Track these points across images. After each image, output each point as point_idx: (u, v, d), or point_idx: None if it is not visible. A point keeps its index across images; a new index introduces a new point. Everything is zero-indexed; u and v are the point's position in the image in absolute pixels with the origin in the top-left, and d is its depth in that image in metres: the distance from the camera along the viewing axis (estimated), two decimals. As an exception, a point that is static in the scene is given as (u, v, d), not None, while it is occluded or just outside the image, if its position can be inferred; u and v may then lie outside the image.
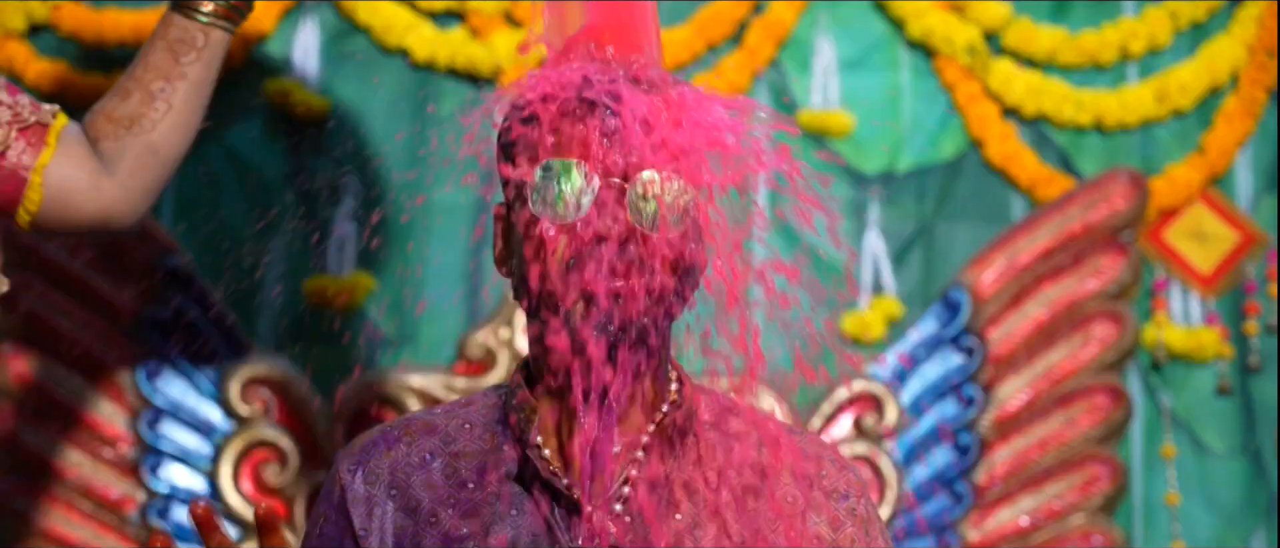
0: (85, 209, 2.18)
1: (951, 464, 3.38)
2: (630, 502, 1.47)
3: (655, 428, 1.49)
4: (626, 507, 1.47)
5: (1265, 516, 3.54)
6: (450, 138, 1.51)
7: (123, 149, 2.19)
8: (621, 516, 1.46)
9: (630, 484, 1.48)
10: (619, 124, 1.42)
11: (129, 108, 2.20)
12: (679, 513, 1.48)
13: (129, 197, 2.21)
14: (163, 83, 2.22)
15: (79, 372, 3.23)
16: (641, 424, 1.50)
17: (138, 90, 2.21)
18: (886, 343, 3.45)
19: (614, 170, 1.42)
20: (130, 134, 2.19)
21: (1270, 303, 3.58)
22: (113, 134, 2.19)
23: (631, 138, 1.42)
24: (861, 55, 3.61)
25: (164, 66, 2.22)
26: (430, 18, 3.50)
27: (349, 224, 3.42)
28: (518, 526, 1.46)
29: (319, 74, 3.48)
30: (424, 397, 3.26)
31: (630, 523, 1.46)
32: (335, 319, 3.36)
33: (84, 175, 2.16)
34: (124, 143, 2.19)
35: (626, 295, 1.40)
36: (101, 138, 2.19)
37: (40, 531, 3.19)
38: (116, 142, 2.19)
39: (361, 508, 1.50)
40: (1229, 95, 3.65)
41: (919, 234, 3.55)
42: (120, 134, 2.19)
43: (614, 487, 1.47)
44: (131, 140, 2.20)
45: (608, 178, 1.42)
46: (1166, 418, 3.56)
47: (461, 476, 1.50)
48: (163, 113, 2.21)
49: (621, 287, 1.40)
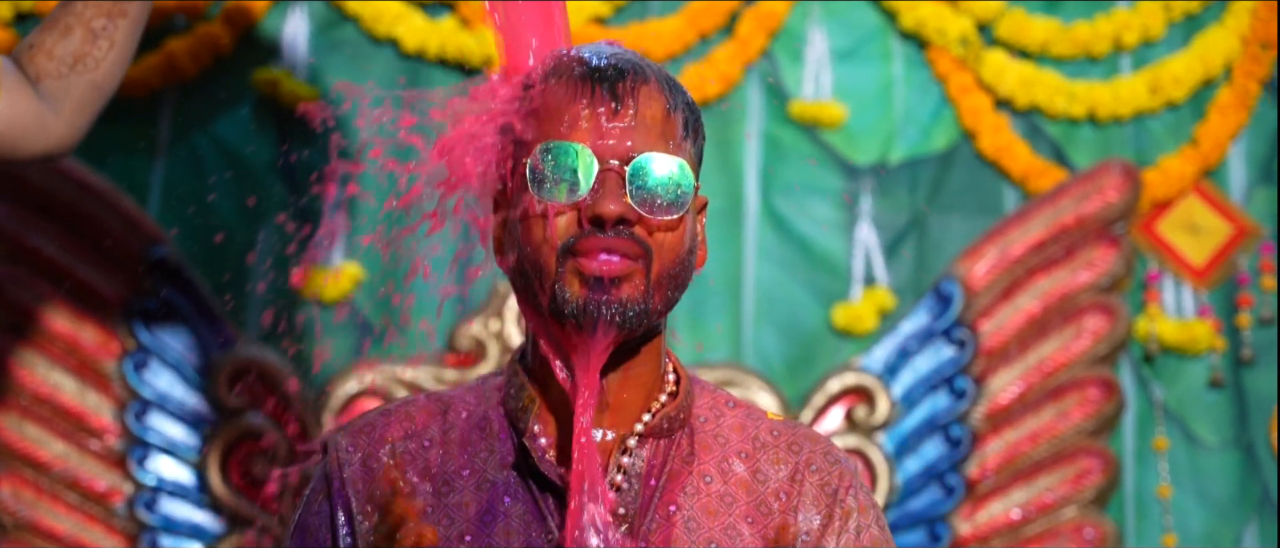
0: (31, 149, 2.15)
1: (943, 457, 3.37)
2: (619, 492, 1.46)
3: (650, 419, 1.48)
4: (618, 497, 1.46)
5: (1258, 509, 3.54)
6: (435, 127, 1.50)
7: (67, 88, 2.17)
8: (613, 505, 1.45)
9: (623, 474, 1.47)
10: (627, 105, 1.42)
11: (72, 46, 2.17)
12: (672, 505, 1.47)
13: (73, 133, 2.20)
14: (104, 20, 2.19)
15: (65, 362, 3.21)
16: (636, 415, 1.49)
17: (79, 27, 2.18)
18: (878, 335, 3.44)
19: (613, 153, 1.41)
20: (74, 73, 2.17)
21: (1263, 296, 3.58)
22: (56, 73, 2.16)
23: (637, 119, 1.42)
24: (854, 46, 3.60)
25: (105, 2, 2.19)
26: (420, 7, 3.49)
27: (338, 215, 3.40)
28: (513, 514, 1.46)
29: (308, 63, 3.46)
30: (413, 388, 3.24)
31: (623, 515, 1.45)
32: (324, 310, 3.35)
33: (31, 118, 2.13)
34: (68, 82, 2.17)
35: (620, 280, 1.40)
36: (44, 77, 2.16)
37: (26, 523, 3.18)
38: (60, 80, 2.16)
39: (360, 488, 1.49)
40: (1222, 87, 3.64)
41: (911, 226, 3.54)
42: (64, 73, 2.16)
43: (606, 478, 1.46)
44: (76, 79, 2.17)
45: (606, 161, 1.41)
46: (1159, 411, 3.55)
47: (459, 462, 1.49)
48: (106, 51, 2.19)
49: (617, 272, 1.39)
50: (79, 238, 3.21)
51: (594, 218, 1.40)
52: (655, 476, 1.48)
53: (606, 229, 1.40)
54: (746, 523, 1.48)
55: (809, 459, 1.54)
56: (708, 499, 1.48)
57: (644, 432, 1.48)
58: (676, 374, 1.54)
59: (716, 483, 1.49)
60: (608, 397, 1.46)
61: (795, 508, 1.50)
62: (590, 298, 1.39)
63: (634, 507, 1.46)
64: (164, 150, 3.43)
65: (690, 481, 1.49)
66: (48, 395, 3.20)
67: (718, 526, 1.47)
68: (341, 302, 3.36)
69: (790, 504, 1.50)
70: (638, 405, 1.49)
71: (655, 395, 1.50)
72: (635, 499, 1.46)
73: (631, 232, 1.40)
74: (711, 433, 1.53)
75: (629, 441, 1.48)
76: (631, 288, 1.40)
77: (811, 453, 1.55)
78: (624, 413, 1.48)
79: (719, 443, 1.52)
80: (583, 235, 1.40)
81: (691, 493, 1.48)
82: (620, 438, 1.48)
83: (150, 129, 3.42)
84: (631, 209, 1.40)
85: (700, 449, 1.51)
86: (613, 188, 1.40)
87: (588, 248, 1.40)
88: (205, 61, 3.41)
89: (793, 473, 1.52)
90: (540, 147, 1.43)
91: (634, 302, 1.40)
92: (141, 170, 3.40)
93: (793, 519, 1.50)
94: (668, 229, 1.42)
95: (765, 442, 1.54)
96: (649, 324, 1.43)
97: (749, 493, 1.50)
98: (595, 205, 1.40)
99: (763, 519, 1.49)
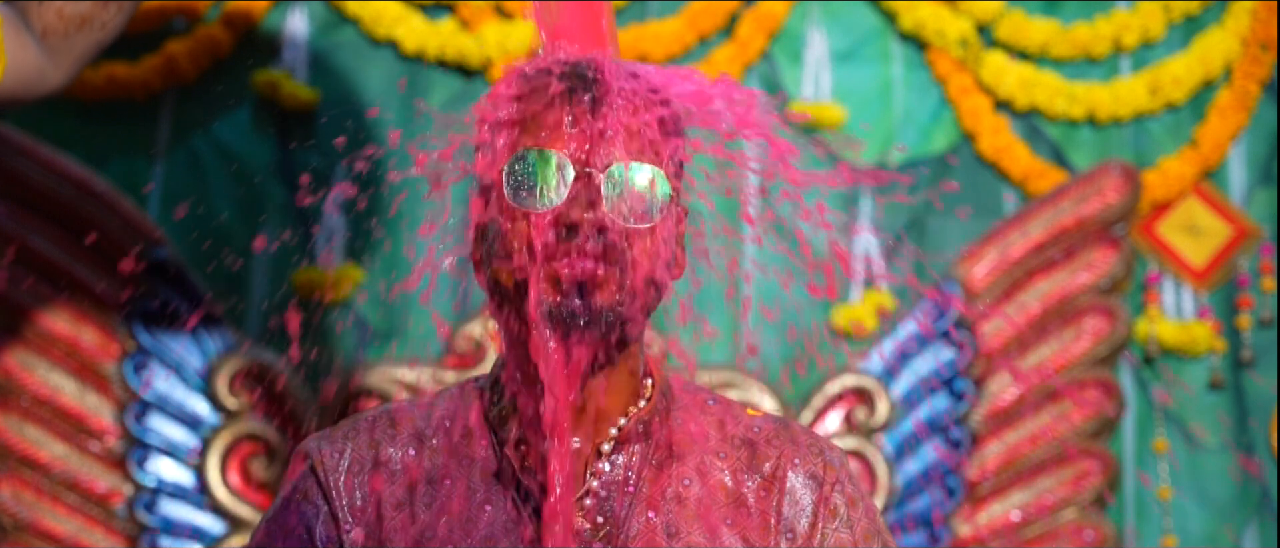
0: (26, 98, 2.17)
1: (943, 459, 3.37)
2: (598, 500, 1.46)
3: (625, 424, 1.48)
4: (597, 505, 1.45)
5: (1257, 510, 3.53)
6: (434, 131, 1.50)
7: (71, 45, 2.18)
8: (591, 513, 1.45)
9: (599, 481, 1.46)
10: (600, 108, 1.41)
11: (82, 8, 2.18)
12: (652, 512, 1.46)
13: (66, 82, 2.22)
14: None
15: (65, 364, 3.21)
16: (614, 422, 1.48)
17: None
18: (878, 336, 3.44)
19: (588, 160, 1.41)
20: (81, 33, 2.18)
21: (1263, 297, 3.58)
22: (62, 31, 2.17)
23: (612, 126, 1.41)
24: (853, 48, 3.60)
25: None
26: (420, 9, 3.49)
27: (337, 217, 3.41)
28: (494, 522, 1.45)
29: (308, 65, 3.46)
30: (412, 390, 3.24)
31: (601, 523, 1.45)
32: (323, 312, 3.35)
33: (32, 72, 2.14)
34: (73, 41, 2.18)
35: (595, 286, 1.39)
36: (50, 33, 2.17)
37: (26, 524, 3.18)
38: (65, 38, 2.17)
39: (343, 496, 1.49)
40: (1222, 88, 3.64)
41: (911, 228, 3.54)
42: (71, 32, 2.18)
43: (584, 486, 1.46)
44: (81, 38, 2.18)
45: (581, 167, 1.41)
46: (1158, 412, 3.55)
47: (441, 469, 1.49)
48: (113, 14, 2.21)
49: (590, 277, 1.39)
50: (79, 239, 3.21)
51: (569, 225, 1.40)
52: (633, 482, 1.47)
53: (581, 236, 1.40)
54: (726, 526, 1.47)
55: (792, 454, 1.53)
56: (687, 503, 1.48)
57: (619, 438, 1.48)
58: (653, 379, 1.53)
59: (695, 486, 1.49)
60: (585, 404, 1.45)
61: (778, 506, 1.50)
62: (564, 304, 1.39)
63: (612, 515, 1.46)
64: (164, 152, 3.43)
65: (669, 485, 1.48)
66: (48, 397, 3.20)
67: (698, 530, 1.46)
68: (341, 303, 3.36)
69: (772, 502, 1.50)
70: (616, 413, 1.48)
71: (633, 402, 1.50)
72: (613, 507, 1.46)
73: (606, 238, 1.40)
74: (690, 435, 1.52)
75: (605, 447, 1.48)
76: (606, 294, 1.40)
77: (795, 448, 1.53)
78: (602, 421, 1.48)
79: (698, 445, 1.51)
80: (557, 241, 1.40)
81: (671, 498, 1.48)
82: (597, 446, 1.48)
83: (150, 131, 3.43)
84: (606, 215, 1.40)
85: (679, 452, 1.50)
86: (587, 194, 1.40)
87: (562, 254, 1.40)
88: (205, 63, 3.42)
89: (774, 470, 1.51)
90: (516, 154, 1.43)
91: (608, 308, 1.40)
92: (141, 172, 3.41)
93: (775, 517, 1.49)
94: (643, 236, 1.42)
95: (746, 439, 1.53)
96: (624, 331, 1.43)
97: (729, 495, 1.49)
98: (570, 212, 1.40)
99: (744, 520, 1.48)
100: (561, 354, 1.40)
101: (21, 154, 3.19)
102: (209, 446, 3.25)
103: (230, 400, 3.25)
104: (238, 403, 3.25)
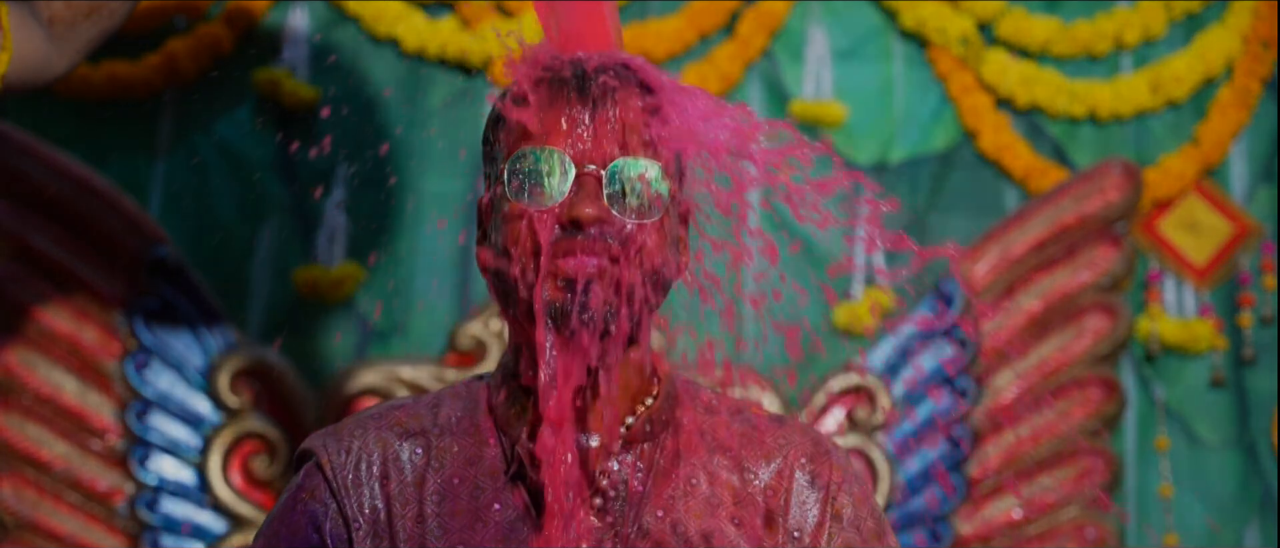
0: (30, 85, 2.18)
1: (944, 457, 3.37)
2: (607, 498, 1.45)
3: (633, 423, 1.48)
4: (606, 503, 1.45)
5: (1259, 508, 3.53)
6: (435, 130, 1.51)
7: (77, 34, 2.20)
8: (600, 511, 1.45)
9: (608, 480, 1.46)
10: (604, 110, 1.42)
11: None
12: (660, 510, 1.46)
13: (69, 70, 2.23)
14: None
15: (67, 363, 3.21)
16: (621, 421, 1.48)
17: None
18: (879, 335, 3.44)
19: (590, 158, 1.41)
20: (89, 22, 2.20)
21: (1264, 295, 3.58)
22: (69, 20, 2.19)
23: (614, 123, 1.42)
24: (854, 46, 3.60)
25: None
26: (421, 8, 3.49)
27: (339, 215, 3.41)
28: (502, 520, 1.45)
29: (308, 64, 3.46)
30: (415, 388, 3.24)
31: (609, 522, 1.45)
32: (325, 310, 3.35)
33: (38, 59, 2.15)
34: (79, 29, 2.19)
35: (599, 284, 1.40)
36: (57, 21, 2.18)
37: (28, 523, 3.18)
38: (71, 27, 2.19)
39: (350, 494, 1.49)
40: (1223, 86, 3.64)
41: (912, 226, 3.54)
42: (77, 20, 2.19)
43: (591, 485, 1.46)
44: (87, 26, 2.20)
45: (583, 165, 1.41)
46: (1160, 410, 3.55)
47: (448, 468, 1.49)
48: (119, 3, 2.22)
49: (594, 274, 1.39)
50: (79, 238, 3.21)
51: (571, 221, 1.40)
52: (641, 481, 1.47)
53: (583, 232, 1.40)
54: (733, 525, 1.48)
55: (798, 454, 1.53)
56: (694, 502, 1.48)
57: (627, 437, 1.48)
58: (659, 377, 1.53)
59: (703, 485, 1.49)
60: (592, 403, 1.46)
61: (785, 506, 1.50)
62: (567, 300, 1.39)
63: (620, 514, 1.45)
64: (165, 151, 3.43)
65: (676, 484, 1.48)
66: (49, 396, 3.20)
67: (705, 529, 1.47)
68: (342, 301, 3.36)
69: (779, 502, 1.50)
70: (623, 411, 1.48)
71: (640, 400, 1.50)
72: (621, 506, 1.46)
73: (608, 235, 1.40)
74: (698, 433, 1.52)
75: (613, 446, 1.48)
76: (608, 291, 1.40)
77: (801, 448, 1.54)
78: (607, 418, 1.48)
79: (705, 443, 1.52)
80: (560, 238, 1.40)
81: (678, 497, 1.48)
82: (605, 445, 1.48)
83: (151, 129, 3.43)
84: (608, 212, 1.41)
85: (686, 451, 1.50)
86: (589, 191, 1.41)
87: (564, 251, 1.40)
88: (206, 62, 3.42)
89: (781, 469, 1.52)
90: (518, 151, 1.43)
91: (611, 304, 1.40)
92: (142, 170, 3.41)
93: (782, 517, 1.49)
94: (645, 232, 1.42)
95: (753, 439, 1.53)
96: (627, 328, 1.43)
97: (735, 494, 1.49)
98: (572, 209, 1.40)
99: (750, 519, 1.48)
100: (565, 351, 1.40)
101: (23, 152, 3.19)
102: (210, 444, 3.25)
103: (232, 399, 3.25)
104: (239, 401, 3.25)
